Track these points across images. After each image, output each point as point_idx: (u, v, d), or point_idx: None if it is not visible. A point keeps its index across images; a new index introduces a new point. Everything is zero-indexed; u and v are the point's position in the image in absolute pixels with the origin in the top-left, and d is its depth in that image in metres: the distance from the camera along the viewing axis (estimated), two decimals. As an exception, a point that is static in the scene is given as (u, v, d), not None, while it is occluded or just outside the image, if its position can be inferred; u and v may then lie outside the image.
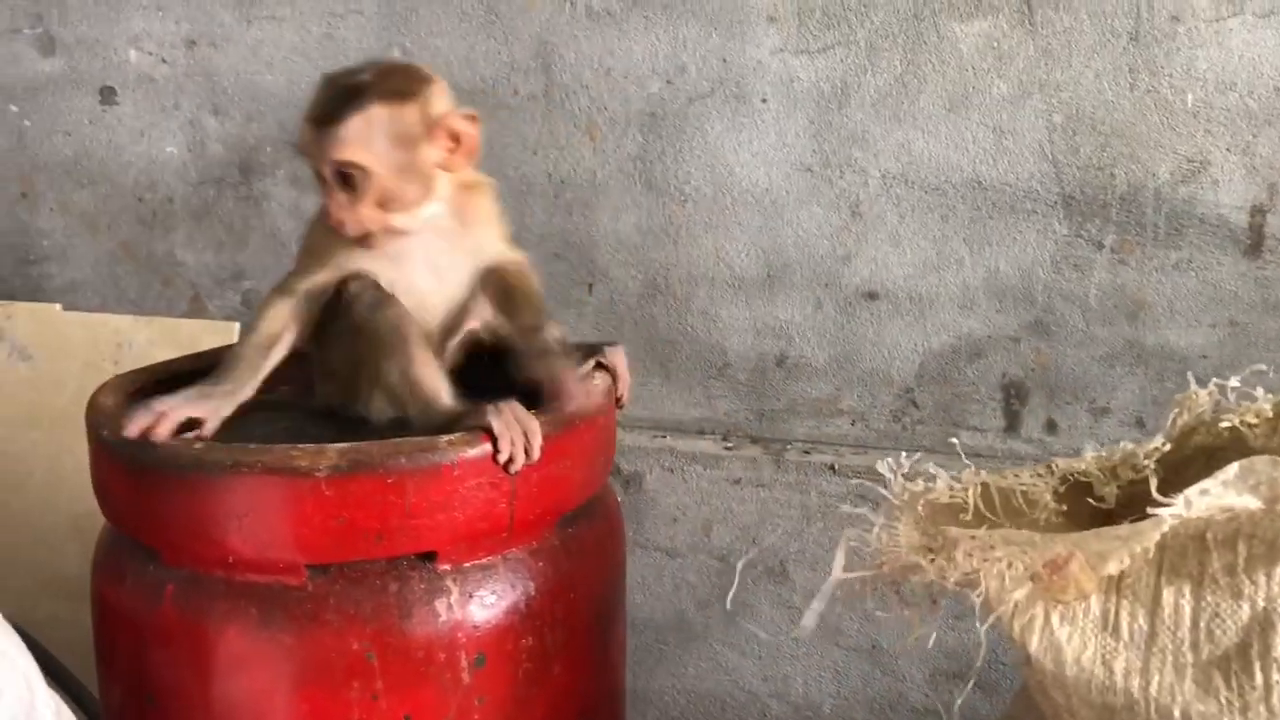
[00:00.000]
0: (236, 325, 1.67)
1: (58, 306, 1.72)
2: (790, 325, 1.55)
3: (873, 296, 1.52)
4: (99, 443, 0.95)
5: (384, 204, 0.97)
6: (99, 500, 0.98)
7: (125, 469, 0.92)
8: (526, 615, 0.94)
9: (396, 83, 0.98)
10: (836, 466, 1.54)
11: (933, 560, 0.79)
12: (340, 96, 0.96)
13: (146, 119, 1.66)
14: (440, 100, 1.00)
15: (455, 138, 1.00)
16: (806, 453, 1.56)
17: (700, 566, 1.59)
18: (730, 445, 1.59)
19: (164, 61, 1.65)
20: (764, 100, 1.51)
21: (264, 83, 1.63)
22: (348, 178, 0.96)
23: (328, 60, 1.61)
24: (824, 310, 1.54)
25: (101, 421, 0.95)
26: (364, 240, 0.98)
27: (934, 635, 0.88)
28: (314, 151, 0.97)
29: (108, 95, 1.67)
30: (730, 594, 1.56)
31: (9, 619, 0.86)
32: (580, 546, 1.00)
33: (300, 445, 0.88)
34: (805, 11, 1.48)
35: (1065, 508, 0.87)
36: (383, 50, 1.59)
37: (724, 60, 1.52)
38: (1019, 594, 0.73)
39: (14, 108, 1.69)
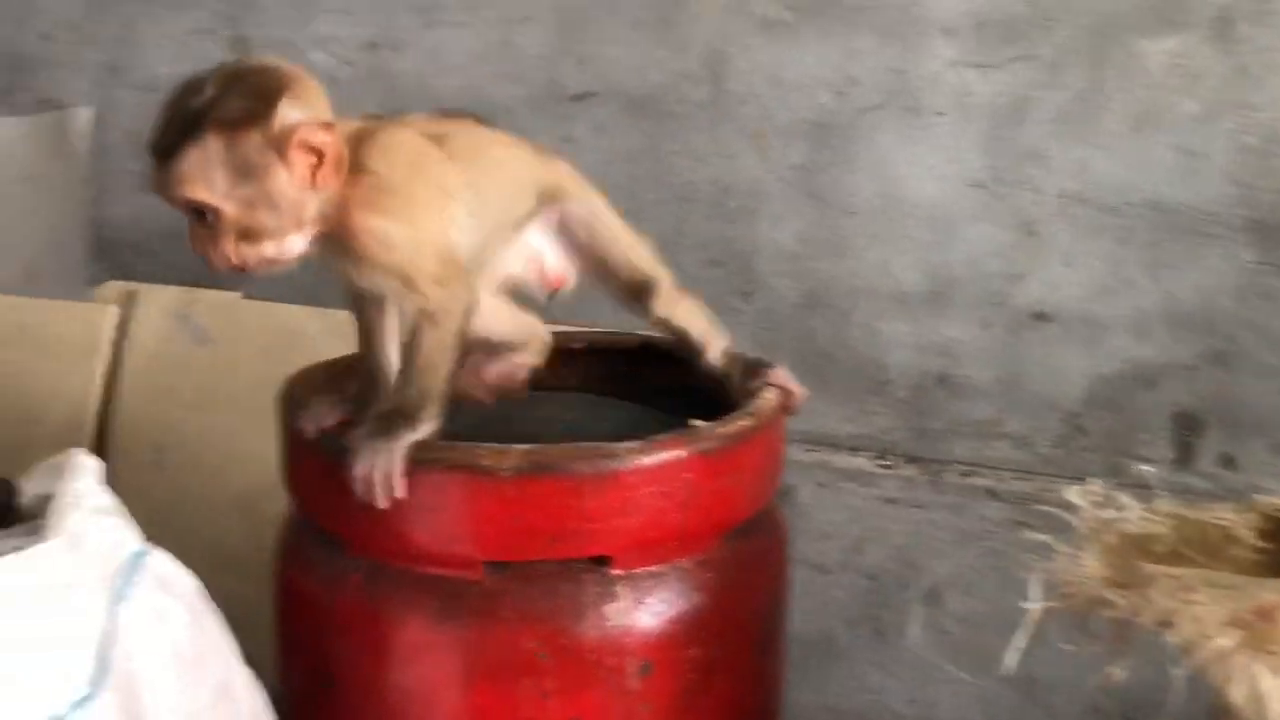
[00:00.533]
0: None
1: (238, 295, 1.80)
2: (955, 343, 1.52)
3: (1042, 318, 1.48)
4: (291, 432, 0.99)
5: (248, 237, 0.87)
6: (288, 487, 1.03)
7: (317, 459, 0.96)
8: (693, 625, 0.94)
9: (237, 102, 0.86)
10: (997, 491, 1.50)
11: (1125, 596, 0.76)
12: (176, 126, 0.87)
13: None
14: (293, 110, 0.87)
15: (315, 152, 0.87)
16: (966, 475, 1.52)
17: (850, 584, 1.57)
18: (886, 463, 1.56)
19: (346, 63, 1.71)
20: (938, 114, 1.49)
21: (440, 86, 1.67)
22: (201, 213, 0.87)
23: (503, 65, 1.64)
24: (991, 330, 1.51)
25: (294, 412, 0.99)
26: (240, 274, 0.90)
27: (1119, 673, 0.85)
28: (157, 188, 0.88)
29: (293, 95, 1.74)
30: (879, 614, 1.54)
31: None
32: (748, 560, 1.00)
33: (484, 445, 0.90)
34: (985, 25, 1.45)
35: (1269, 548, 0.83)
36: (556, 58, 1.62)
37: (898, 72, 1.50)
38: (1222, 641, 0.70)
39: (206, 105, 1.77)
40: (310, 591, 0.98)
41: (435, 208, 0.93)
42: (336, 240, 0.90)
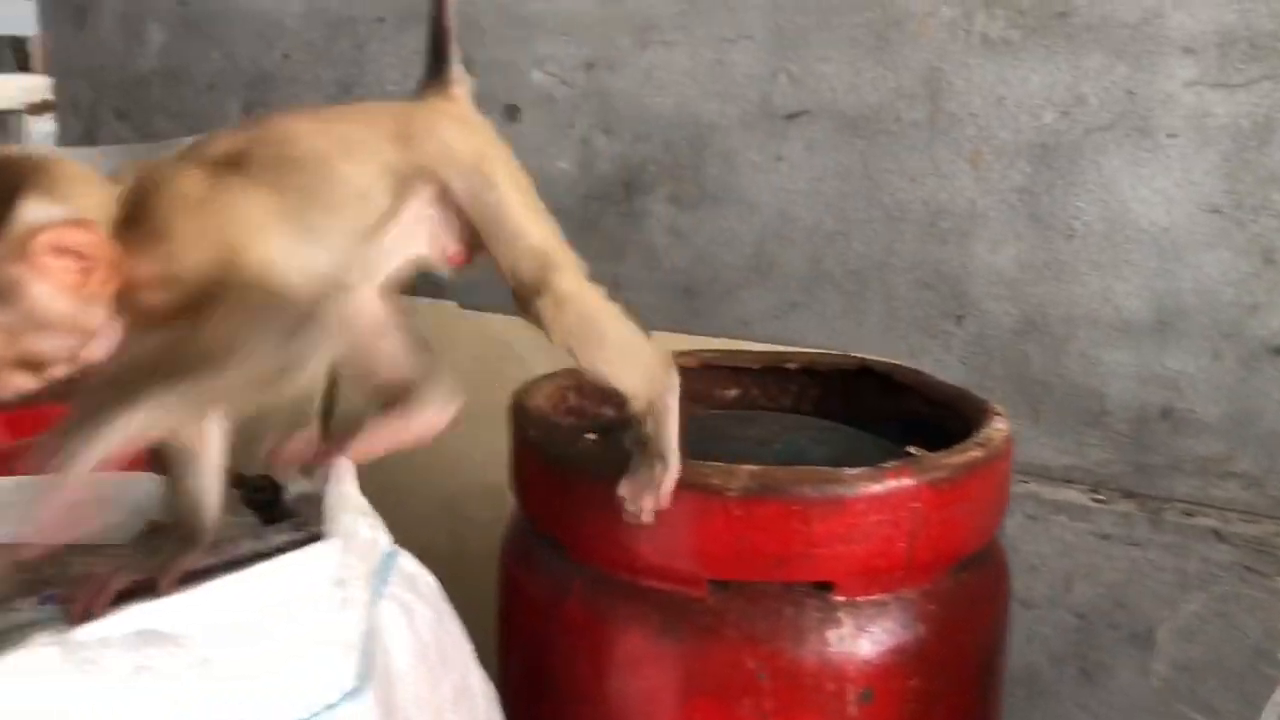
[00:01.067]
0: (608, 333, 1.76)
1: (454, 304, 1.88)
2: (1181, 376, 1.45)
3: (1282, 352, 1.40)
4: (523, 441, 1.02)
5: (28, 366, 0.70)
6: (515, 492, 1.06)
7: (545, 467, 0.99)
8: (915, 656, 0.93)
9: None
10: (1223, 533, 1.42)
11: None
12: None
13: (544, 136, 1.78)
14: (39, 209, 0.69)
15: (74, 255, 0.69)
16: (1188, 514, 1.45)
17: (1057, 621, 1.52)
18: (1101, 498, 1.50)
19: (564, 83, 1.76)
20: (1171, 135, 1.42)
21: (654, 105, 1.71)
22: None
23: (716, 84, 1.66)
24: (1222, 362, 1.43)
25: (526, 421, 1.03)
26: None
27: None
28: None
29: (512, 113, 1.80)
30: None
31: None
32: (972, 593, 0.98)
33: (712, 465, 0.91)
34: (1228, 43, 1.38)
35: None
36: (769, 77, 1.63)
37: (1129, 92, 1.44)
38: None
39: (430, 121, 1.85)
40: (533, 594, 1.01)
41: (243, 248, 0.74)
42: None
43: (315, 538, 0.73)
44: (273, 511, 0.88)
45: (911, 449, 1.10)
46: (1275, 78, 1.36)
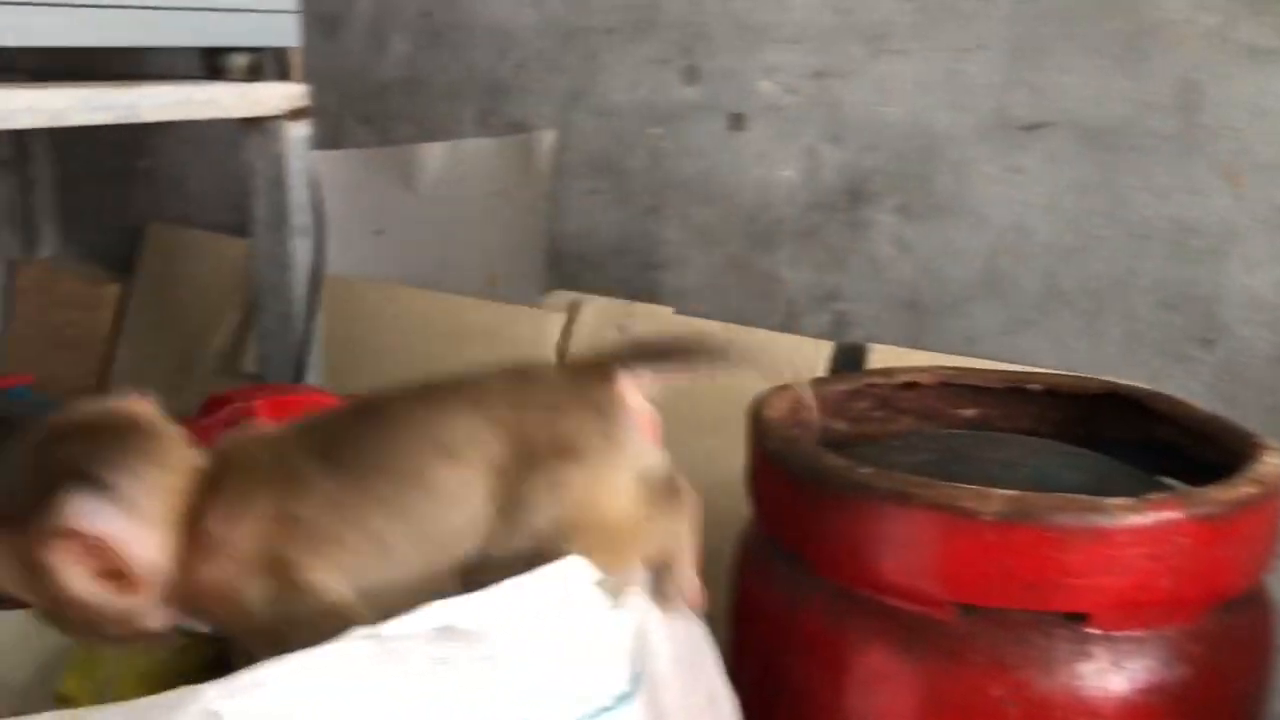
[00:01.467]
0: (827, 345, 1.75)
1: (670, 310, 1.91)
2: None
3: None
4: (762, 453, 1.03)
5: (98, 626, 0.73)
6: (754, 503, 1.07)
7: (788, 481, 1.00)
8: (1173, 697, 0.89)
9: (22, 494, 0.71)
10: None
11: None
12: None
13: (769, 144, 1.79)
14: (83, 507, 0.69)
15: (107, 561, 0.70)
16: None
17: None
18: (1363, 540, 1.40)
19: (791, 92, 1.76)
20: None
21: (884, 115, 1.69)
22: None
23: (950, 94, 1.63)
24: None
25: (765, 432, 1.04)
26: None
27: None
28: None
29: (737, 121, 1.81)
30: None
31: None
32: (1236, 636, 0.93)
33: (966, 486, 0.89)
34: None
35: None
36: (1007, 87, 1.59)
37: None
38: None
39: (656, 129, 1.89)
40: (769, 605, 1.02)
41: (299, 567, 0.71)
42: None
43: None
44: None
45: (1164, 479, 1.05)
46: None
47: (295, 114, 1.79)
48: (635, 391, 0.79)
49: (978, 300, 1.65)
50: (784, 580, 1.01)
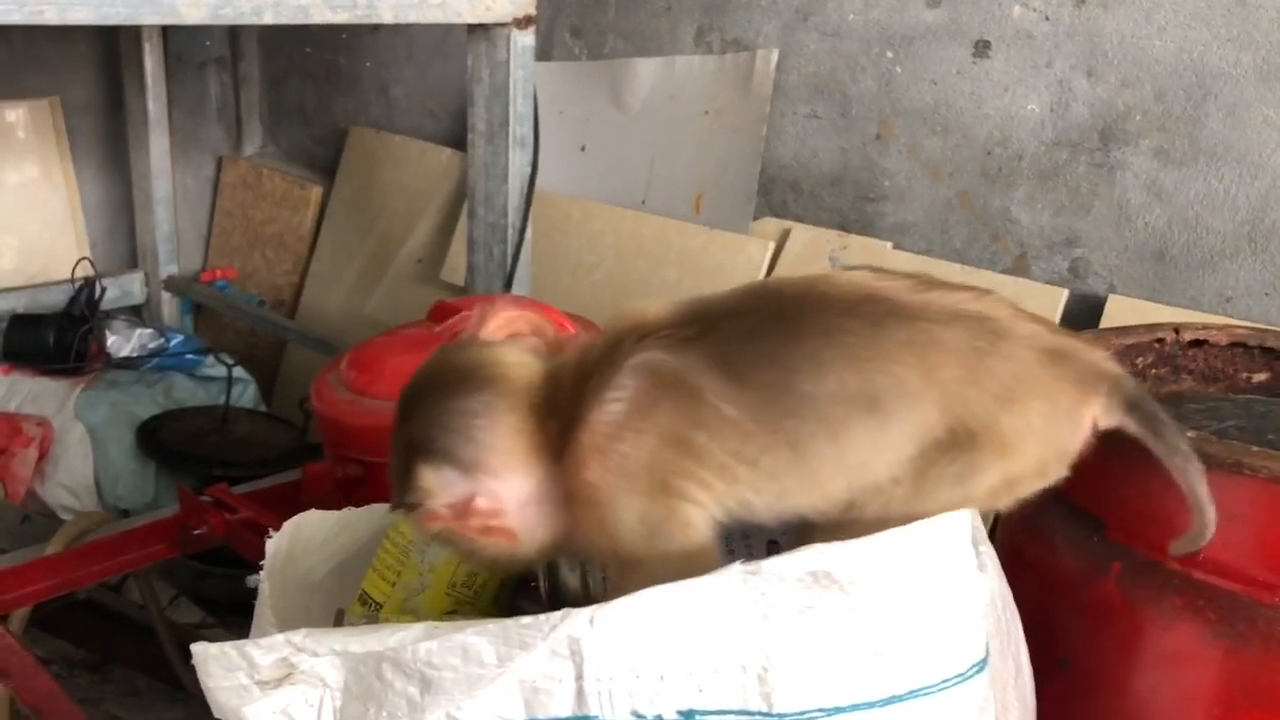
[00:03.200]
0: (1063, 292, 1.66)
1: (888, 245, 1.83)
2: None
3: None
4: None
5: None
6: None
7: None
8: None
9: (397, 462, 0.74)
10: None
11: None
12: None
13: (1014, 75, 1.68)
14: (436, 477, 0.71)
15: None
16: None
17: None
18: None
19: (1046, 19, 1.64)
20: None
21: (1150, 48, 1.56)
22: None
23: (1231, 26, 1.50)
24: None
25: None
26: None
27: None
28: None
29: (981, 49, 1.71)
30: None
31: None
32: None
33: (1314, 461, 0.82)
34: None
35: None
36: (1304, 22, 1.45)
37: None
38: None
39: (890, 54, 1.79)
40: (1053, 568, 0.96)
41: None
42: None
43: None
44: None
45: None
46: None
47: (522, 22, 1.76)
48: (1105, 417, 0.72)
49: (1239, 256, 1.53)
50: (1073, 542, 0.95)
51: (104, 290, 2.30)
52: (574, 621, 0.56)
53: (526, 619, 0.57)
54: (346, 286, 2.46)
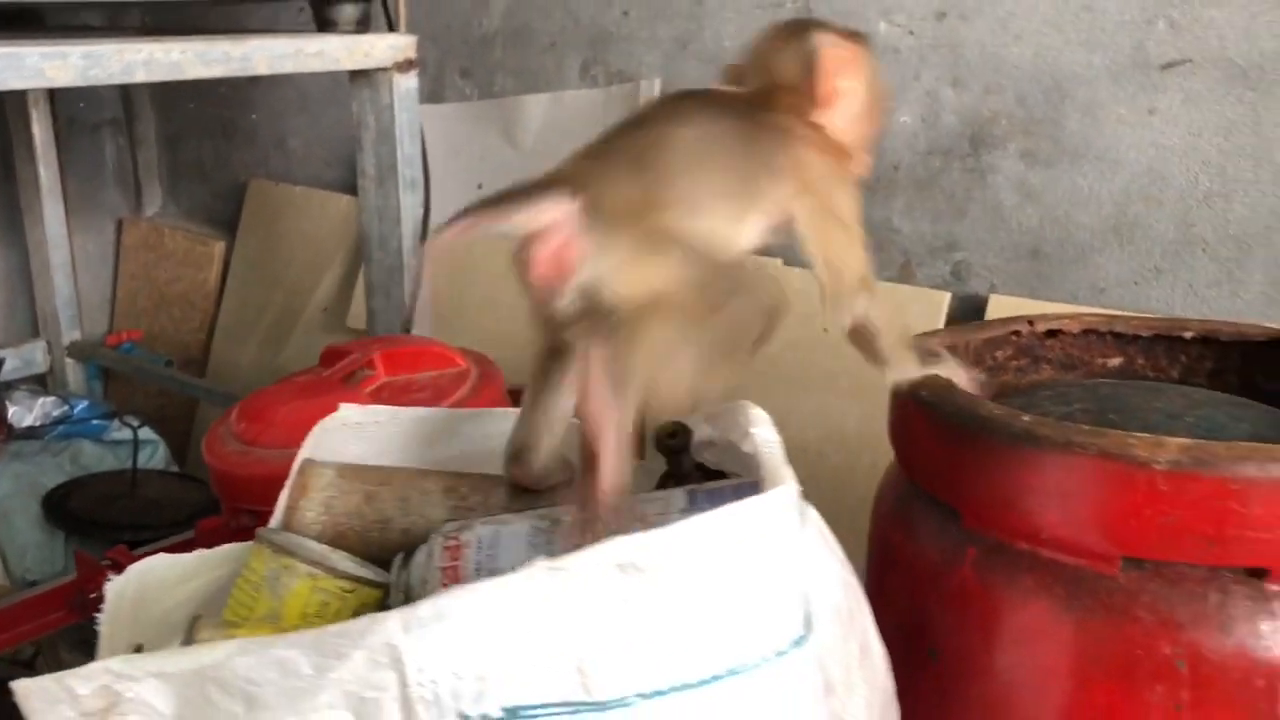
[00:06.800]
0: (947, 295, 1.70)
1: (779, 261, 1.86)
2: None
3: None
4: (912, 401, 0.99)
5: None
6: (899, 452, 1.04)
7: (938, 429, 0.96)
8: (1360, 659, 0.84)
9: None
10: None
11: None
12: None
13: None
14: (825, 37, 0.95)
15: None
16: None
17: None
18: None
19: (911, 33, 1.70)
20: None
21: (1009, 55, 1.62)
22: None
23: (1081, 31, 1.56)
24: None
25: (917, 380, 0.99)
26: None
27: None
28: None
29: (852, 66, 1.76)
30: None
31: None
32: None
33: (1138, 434, 0.85)
34: None
35: None
36: (1145, 24, 1.51)
37: None
38: None
39: (766, 76, 1.84)
40: (916, 558, 0.99)
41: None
42: None
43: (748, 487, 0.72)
44: (682, 456, 0.89)
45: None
46: None
47: (403, 66, 1.78)
48: None
49: (1107, 249, 1.59)
50: (933, 532, 0.97)
51: (2, 361, 2.27)
52: (386, 627, 0.57)
53: (336, 627, 0.58)
54: (256, 340, 2.45)
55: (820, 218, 0.88)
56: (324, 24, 1.76)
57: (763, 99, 0.90)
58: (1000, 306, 1.65)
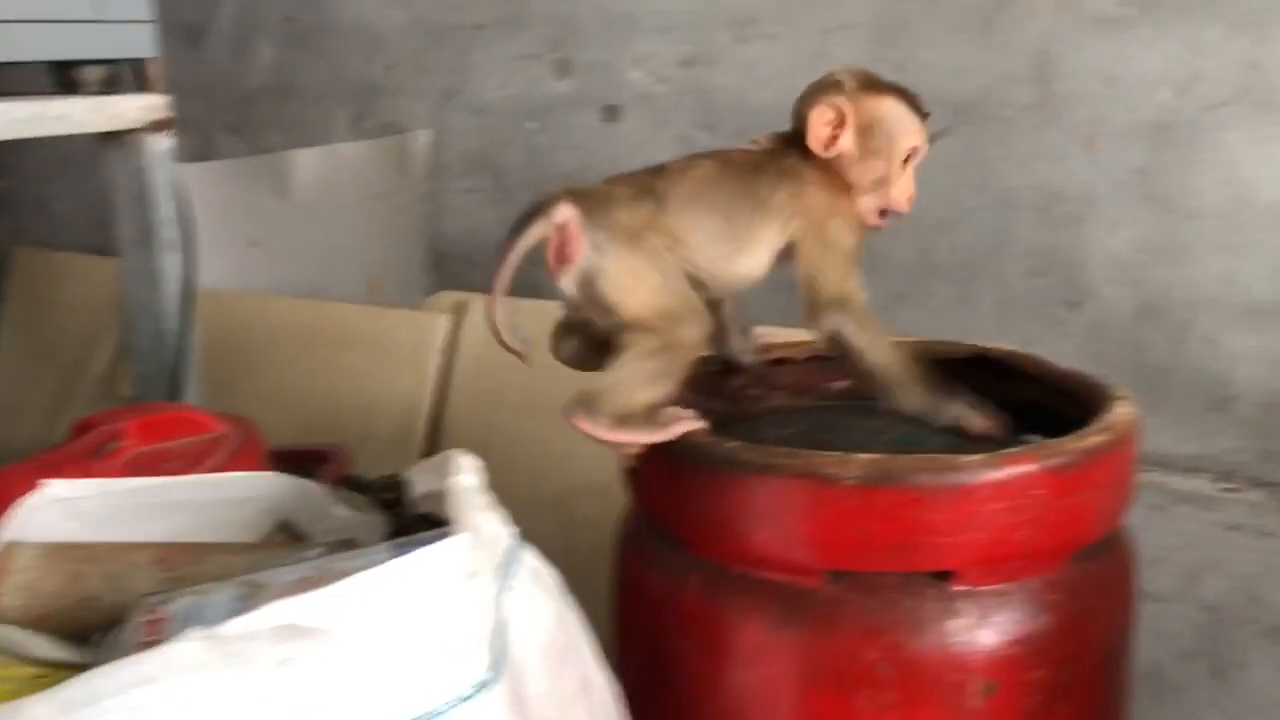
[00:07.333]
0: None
1: (554, 304, 1.89)
2: (1314, 359, 1.39)
3: None
4: (634, 435, 1.02)
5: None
6: (628, 487, 1.07)
7: (658, 461, 0.99)
8: (1039, 648, 0.91)
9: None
10: (1365, 522, 1.36)
11: None
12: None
13: (643, 134, 1.79)
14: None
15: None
16: (1325, 503, 1.39)
17: (1184, 615, 1.47)
18: (1230, 487, 1.45)
19: (662, 81, 1.76)
20: (1298, 108, 1.37)
21: (754, 99, 1.70)
22: None
23: (818, 75, 1.64)
24: (1358, 344, 1.37)
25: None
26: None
27: None
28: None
29: (610, 113, 1.81)
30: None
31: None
32: (1097, 583, 0.95)
33: (828, 454, 0.90)
34: (1357, 8, 1.32)
35: None
36: (873, 65, 1.60)
37: (1251, 65, 1.38)
38: None
39: (531, 124, 1.88)
40: (650, 588, 1.02)
41: None
42: None
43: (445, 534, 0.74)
44: (397, 509, 0.90)
45: (1032, 437, 1.07)
46: None
47: (157, 126, 1.74)
48: None
49: (855, 277, 1.67)
50: (662, 562, 1.00)
51: None
52: (34, 712, 0.56)
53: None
54: (33, 417, 2.34)
55: (809, 238, 1.01)
56: (68, 85, 1.70)
57: (779, 147, 1.06)
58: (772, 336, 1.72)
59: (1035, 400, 1.11)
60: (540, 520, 1.76)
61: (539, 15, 1.84)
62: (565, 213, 0.98)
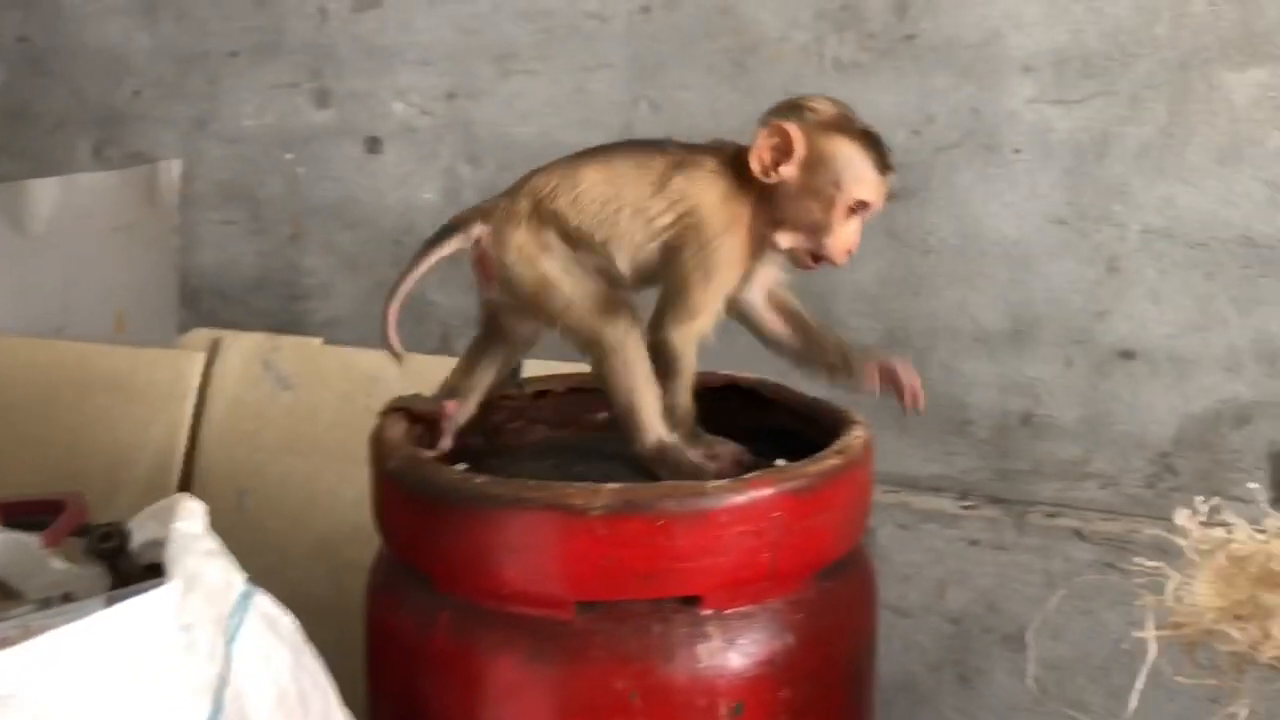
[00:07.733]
0: (481, 364, 1.74)
1: (319, 341, 1.83)
2: (1038, 383, 1.50)
3: (1129, 356, 1.46)
4: (383, 472, 1.00)
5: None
6: (378, 526, 1.04)
7: (406, 498, 0.97)
8: (784, 667, 0.93)
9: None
10: (1084, 532, 1.47)
11: (1243, 629, 0.74)
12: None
13: (408, 167, 1.76)
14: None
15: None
16: (1051, 516, 1.49)
17: (931, 628, 1.55)
18: (968, 504, 1.54)
19: (425, 113, 1.75)
20: (1016, 151, 1.48)
21: (517, 134, 1.70)
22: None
23: (577, 112, 1.67)
24: (1075, 368, 1.48)
25: (385, 453, 1.01)
26: None
27: (1241, 715, 0.82)
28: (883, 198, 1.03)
29: (373, 144, 1.78)
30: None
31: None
32: (839, 600, 0.98)
33: (575, 484, 0.90)
34: (1063, 62, 1.44)
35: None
36: (630, 104, 1.64)
37: (975, 110, 1.49)
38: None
39: (289, 155, 1.82)
40: (400, 630, 0.99)
41: None
42: None
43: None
44: (118, 560, 0.84)
45: (780, 461, 1.10)
46: (1108, 94, 1.43)
47: None
48: None
49: (621, 310, 1.69)
50: (413, 602, 0.98)
51: None
52: None
53: None
54: None
55: (684, 248, 1.00)
56: None
57: (721, 155, 1.03)
58: (536, 369, 1.72)
59: (784, 427, 1.15)
60: (303, 565, 1.70)
61: (295, 44, 1.79)
62: (478, 230, 1.04)
